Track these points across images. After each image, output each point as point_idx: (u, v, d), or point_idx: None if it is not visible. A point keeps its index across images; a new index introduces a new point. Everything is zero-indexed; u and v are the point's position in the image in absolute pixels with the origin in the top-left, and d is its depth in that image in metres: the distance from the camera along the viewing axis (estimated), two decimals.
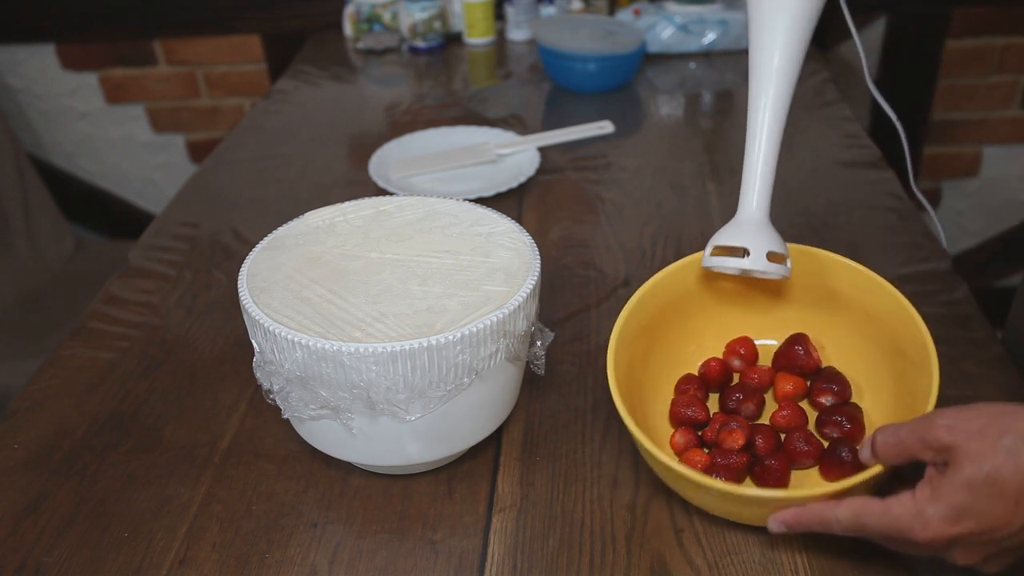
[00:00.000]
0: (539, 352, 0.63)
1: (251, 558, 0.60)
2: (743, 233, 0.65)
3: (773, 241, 0.65)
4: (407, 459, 0.62)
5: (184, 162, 1.99)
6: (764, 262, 0.64)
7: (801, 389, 0.68)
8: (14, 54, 1.85)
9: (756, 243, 0.64)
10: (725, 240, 0.65)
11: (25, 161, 1.77)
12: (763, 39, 0.63)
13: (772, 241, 0.65)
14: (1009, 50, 1.81)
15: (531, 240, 0.66)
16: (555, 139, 1.15)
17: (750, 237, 0.65)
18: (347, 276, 0.63)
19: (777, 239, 0.66)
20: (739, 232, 0.65)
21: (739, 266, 0.65)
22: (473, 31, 1.58)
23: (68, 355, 0.80)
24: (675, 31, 1.45)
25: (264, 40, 1.83)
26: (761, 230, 0.65)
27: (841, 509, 0.53)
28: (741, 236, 0.65)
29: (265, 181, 1.12)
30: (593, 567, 0.58)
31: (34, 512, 0.64)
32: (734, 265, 0.65)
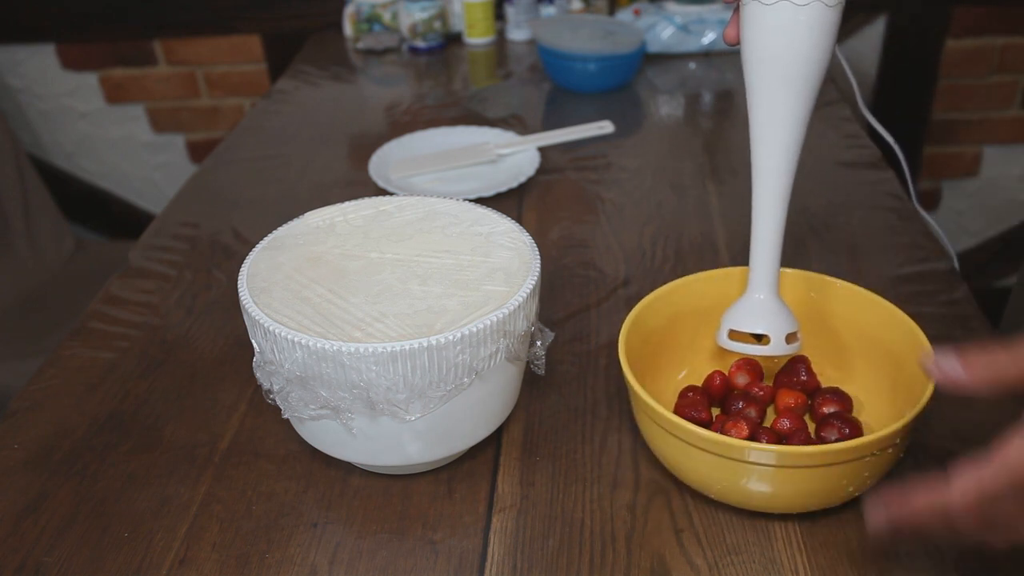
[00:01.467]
0: (539, 352, 0.63)
1: (251, 558, 0.60)
2: (760, 317, 0.65)
3: (788, 321, 0.65)
4: (407, 459, 0.62)
5: (184, 162, 1.99)
6: (783, 346, 0.65)
7: (802, 403, 0.68)
8: (14, 54, 1.85)
9: (775, 328, 0.65)
10: (743, 325, 0.65)
11: (25, 161, 1.77)
12: (764, 113, 0.62)
13: (788, 322, 0.65)
14: (1009, 50, 1.81)
15: (531, 240, 0.66)
16: (555, 139, 1.15)
17: (768, 322, 0.65)
18: (347, 276, 0.63)
19: (791, 318, 0.66)
20: (755, 315, 0.65)
21: (759, 353, 0.65)
22: (473, 31, 1.58)
23: (68, 355, 0.80)
24: (675, 31, 1.45)
25: (264, 40, 1.83)
26: (777, 312, 0.65)
27: (953, 485, 0.43)
28: (759, 321, 0.65)
29: (265, 181, 1.12)
30: (593, 567, 0.58)
31: (34, 512, 0.64)
32: (754, 352, 0.65)
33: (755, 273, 0.65)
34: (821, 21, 0.58)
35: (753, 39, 0.60)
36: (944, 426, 0.68)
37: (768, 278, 0.65)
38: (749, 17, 0.60)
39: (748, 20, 0.60)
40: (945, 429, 0.68)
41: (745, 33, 0.61)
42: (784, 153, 0.62)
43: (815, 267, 0.72)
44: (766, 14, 0.58)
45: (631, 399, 0.63)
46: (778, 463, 0.55)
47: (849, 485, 0.57)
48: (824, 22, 0.58)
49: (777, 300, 0.65)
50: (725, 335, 0.66)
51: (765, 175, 0.63)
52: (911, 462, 0.65)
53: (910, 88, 1.85)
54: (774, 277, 0.65)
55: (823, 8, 0.58)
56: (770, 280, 0.65)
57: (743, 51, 0.61)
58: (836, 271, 0.72)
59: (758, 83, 0.61)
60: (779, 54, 0.59)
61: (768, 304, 0.65)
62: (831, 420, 0.64)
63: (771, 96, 0.60)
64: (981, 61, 1.82)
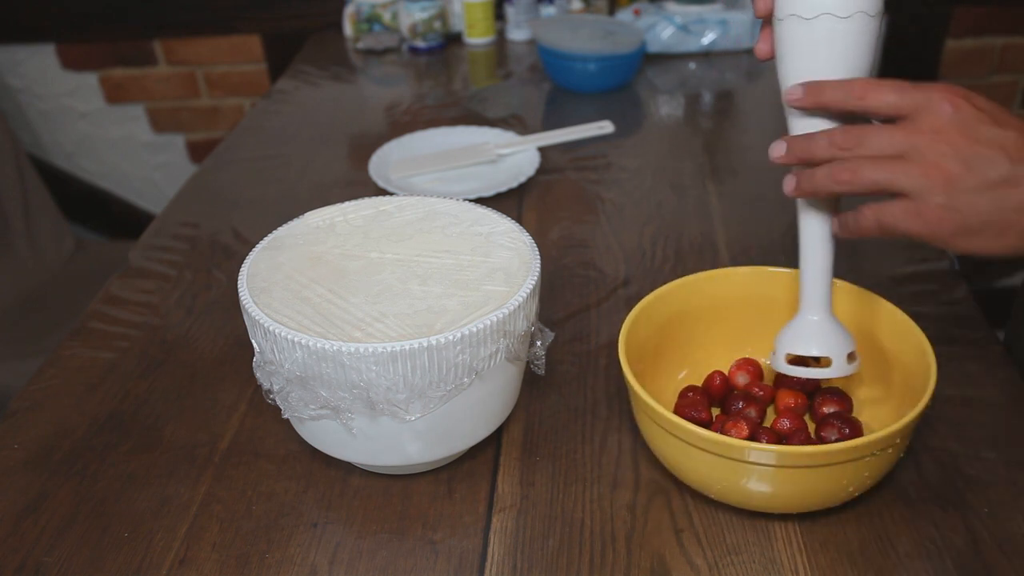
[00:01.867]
0: (539, 352, 0.63)
1: (251, 558, 0.60)
2: (819, 340, 0.62)
3: (847, 341, 0.63)
4: (407, 459, 0.62)
5: (184, 162, 1.99)
6: (845, 367, 0.62)
7: (802, 404, 0.68)
8: (14, 54, 1.85)
9: (836, 350, 0.62)
10: (802, 349, 0.62)
11: (25, 161, 1.77)
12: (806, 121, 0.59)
13: (847, 341, 0.62)
14: (1009, 50, 1.81)
15: (531, 240, 0.66)
16: (555, 139, 1.15)
17: (829, 344, 0.62)
18: (347, 276, 0.63)
19: (849, 337, 0.63)
20: (814, 338, 0.62)
21: (822, 376, 0.62)
22: (473, 31, 1.58)
23: (68, 355, 0.80)
24: (675, 31, 1.45)
25: (264, 40, 1.83)
26: (836, 333, 0.62)
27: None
28: (819, 344, 0.62)
29: (265, 181, 1.12)
30: (593, 567, 0.58)
31: (34, 512, 0.64)
32: (817, 375, 0.62)
33: (808, 293, 0.62)
34: (864, 32, 0.55)
35: (791, 55, 0.57)
36: (944, 426, 0.68)
37: (821, 297, 0.62)
38: (787, 33, 0.56)
39: (785, 36, 0.57)
40: (945, 429, 0.68)
41: (782, 49, 0.57)
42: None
43: None
44: (806, 29, 0.55)
45: (631, 399, 0.63)
46: (778, 463, 0.55)
47: (849, 485, 0.57)
48: (867, 33, 0.55)
49: (833, 320, 0.63)
50: (782, 360, 0.63)
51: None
52: (911, 462, 0.65)
53: None
54: (827, 296, 0.62)
55: (866, 19, 0.55)
56: (824, 299, 0.62)
57: (780, 68, 0.58)
58: (836, 271, 0.72)
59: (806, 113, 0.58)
60: (823, 69, 0.56)
61: (825, 325, 0.62)
62: (831, 420, 0.64)
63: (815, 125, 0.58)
64: (981, 61, 1.82)
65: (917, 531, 0.60)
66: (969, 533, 0.59)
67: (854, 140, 0.54)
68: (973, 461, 0.65)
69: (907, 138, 0.53)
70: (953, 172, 0.52)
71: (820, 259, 0.61)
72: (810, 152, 0.56)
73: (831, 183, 0.55)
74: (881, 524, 0.60)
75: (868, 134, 0.54)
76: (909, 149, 0.53)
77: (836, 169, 0.55)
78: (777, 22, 0.57)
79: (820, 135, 0.56)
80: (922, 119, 0.53)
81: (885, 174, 0.53)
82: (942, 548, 0.58)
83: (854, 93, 0.54)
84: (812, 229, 0.61)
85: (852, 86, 0.54)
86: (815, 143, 0.56)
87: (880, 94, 0.54)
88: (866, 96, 0.54)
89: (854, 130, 0.55)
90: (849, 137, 0.54)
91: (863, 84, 0.54)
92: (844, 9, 0.54)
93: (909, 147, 0.53)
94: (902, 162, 0.53)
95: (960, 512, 0.61)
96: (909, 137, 0.53)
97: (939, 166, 0.52)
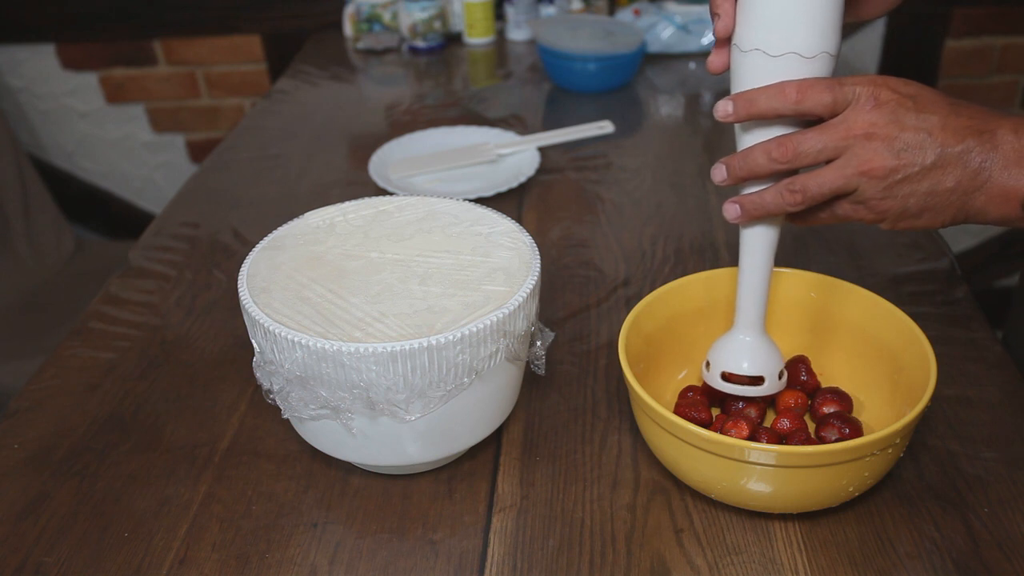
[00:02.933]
0: (539, 352, 0.63)
1: (251, 558, 0.60)
2: (755, 359, 0.64)
3: (778, 359, 0.65)
4: (407, 459, 0.62)
5: (184, 162, 1.99)
6: (776, 385, 0.65)
7: (803, 403, 0.68)
8: (14, 54, 1.85)
9: (770, 369, 0.64)
10: (739, 368, 0.64)
11: (25, 161, 1.77)
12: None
13: (778, 360, 0.65)
14: (1009, 50, 1.81)
15: (531, 240, 0.66)
16: (555, 139, 1.15)
17: (763, 363, 0.64)
18: (347, 276, 0.63)
19: (778, 355, 0.65)
20: (749, 358, 0.64)
21: (754, 394, 0.65)
22: (473, 31, 1.58)
23: (68, 355, 0.80)
24: (675, 31, 1.45)
25: (264, 40, 1.83)
26: (769, 353, 0.64)
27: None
28: (754, 363, 0.64)
29: (265, 181, 1.12)
30: (593, 567, 0.58)
31: (34, 512, 0.64)
32: (750, 393, 0.65)
33: (744, 314, 0.64)
34: (825, 73, 0.56)
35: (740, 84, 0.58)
36: (944, 426, 0.68)
37: (757, 317, 0.64)
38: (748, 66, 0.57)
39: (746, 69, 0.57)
40: (945, 429, 0.68)
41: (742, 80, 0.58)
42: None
43: (815, 267, 0.72)
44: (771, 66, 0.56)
45: (631, 399, 0.63)
46: (778, 463, 0.55)
47: (849, 485, 0.57)
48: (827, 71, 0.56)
49: (766, 339, 0.65)
50: (718, 377, 0.65)
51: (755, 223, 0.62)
52: (911, 462, 0.65)
53: None
54: (762, 315, 0.64)
55: (828, 59, 0.56)
56: (759, 319, 0.64)
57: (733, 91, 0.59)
58: (836, 271, 0.72)
59: (746, 126, 0.59)
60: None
61: (759, 345, 0.64)
62: (831, 420, 0.64)
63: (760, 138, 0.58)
64: (981, 61, 1.82)
65: (917, 531, 0.60)
66: (969, 533, 0.59)
67: (791, 149, 0.56)
68: (973, 461, 0.65)
69: (840, 138, 0.55)
70: (888, 165, 0.55)
71: (759, 279, 0.63)
72: (750, 170, 0.58)
73: (783, 204, 0.58)
74: (881, 524, 0.60)
75: (803, 141, 0.56)
76: (843, 148, 0.56)
77: (784, 191, 0.57)
78: (739, 52, 0.57)
79: (756, 150, 0.57)
80: (850, 116, 0.55)
81: (830, 183, 0.56)
82: (942, 548, 0.58)
83: (789, 98, 0.55)
84: (753, 248, 0.62)
85: (784, 91, 0.55)
86: (753, 160, 0.58)
87: (816, 94, 0.55)
88: (803, 99, 0.55)
89: (787, 140, 0.56)
90: (785, 148, 0.56)
91: (796, 87, 0.55)
92: (809, 50, 0.55)
93: (844, 146, 0.56)
94: (841, 165, 0.56)
95: (960, 512, 0.61)
96: (842, 137, 0.55)
97: (874, 162, 0.55)
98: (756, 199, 0.59)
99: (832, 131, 0.55)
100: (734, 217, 0.60)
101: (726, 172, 0.59)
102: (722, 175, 0.59)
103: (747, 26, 0.56)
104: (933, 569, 0.57)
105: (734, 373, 0.64)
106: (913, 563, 0.57)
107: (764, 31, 0.55)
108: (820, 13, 0.55)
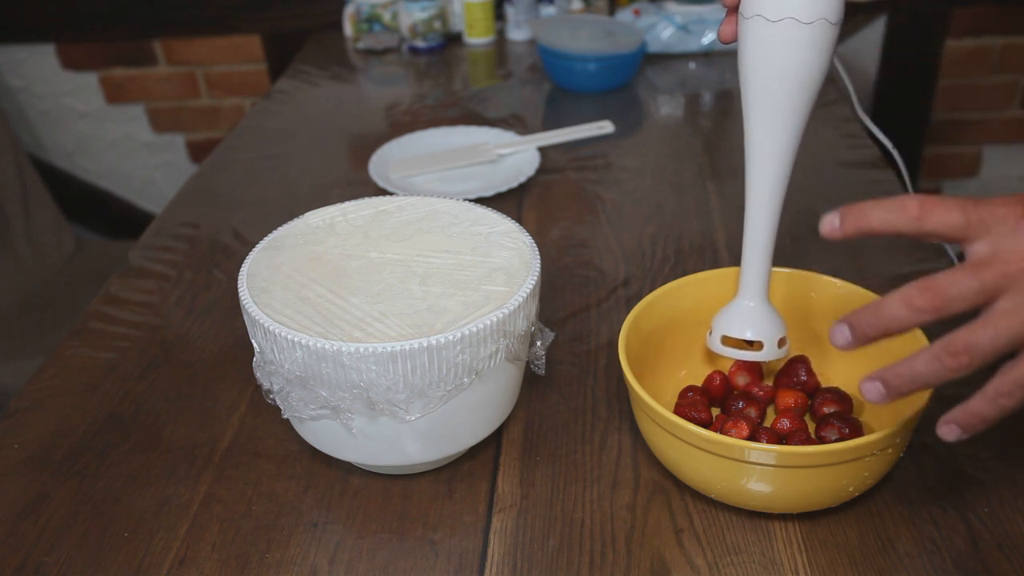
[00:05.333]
0: (539, 352, 0.63)
1: (251, 558, 0.60)
2: (753, 323, 0.65)
3: (779, 326, 0.66)
4: (407, 459, 0.62)
5: (184, 162, 1.99)
6: (775, 351, 0.65)
7: (803, 404, 0.68)
8: (14, 54, 1.85)
9: (768, 334, 0.65)
10: (736, 332, 0.65)
11: (25, 161, 1.77)
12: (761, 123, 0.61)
13: (779, 327, 0.66)
14: (1009, 50, 1.81)
15: (531, 240, 0.66)
16: (555, 139, 1.15)
17: (762, 328, 0.65)
18: (347, 276, 0.63)
19: (781, 323, 0.66)
20: (748, 322, 0.65)
21: (752, 358, 0.66)
22: (473, 31, 1.58)
23: (68, 355, 0.80)
24: (675, 31, 1.45)
25: (264, 40, 1.83)
26: (770, 318, 0.66)
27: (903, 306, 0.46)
28: (752, 327, 0.65)
29: (265, 181, 1.12)
30: (593, 567, 0.58)
31: (34, 512, 0.64)
32: (747, 357, 0.66)
33: (747, 279, 0.65)
34: (824, 38, 0.57)
35: (754, 53, 0.59)
36: None
37: (760, 284, 0.65)
38: (751, 31, 0.59)
39: (750, 34, 0.59)
40: None
41: (746, 46, 0.60)
42: (779, 162, 0.62)
43: (815, 267, 0.72)
44: (770, 31, 0.57)
45: (631, 399, 0.63)
46: (778, 463, 0.55)
47: (849, 485, 0.57)
48: (827, 39, 0.58)
49: (768, 305, 0.66)
50: (718, 340, 0.66)
51: (759, 182, 0.64)
52: (911, 462, 0.65)
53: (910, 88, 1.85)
54: (765, 283, 0.65)
55: (827, 26, 0.57)
56: (762, 286, 0.65)
57: (741, 62, 0.60)
58: (836, 271, 0.72)
59: (756, 95, 0.60)
60: (783, 70, 0.58)
61: (760, 310, 0.65)
62: (831, 420, 0.64)
63: (770, 108, 0.60)
64: (981, 61, 1.82)
65: (917, 531, 0.60)
66: (969, 533, 0.59)
67: (939, 295, 0.46)
68: (973, 461, 0.65)
69: (999, 276, 0.46)
70: None
71: (763, 246, 0.64)
72: (885, 327, 0.48)
73: (944, 372, 0.48)
74: (881, 524, 0.60)
75: (953, 283, 0.46)
76: (1005, 288, 0.46)
77: (945, 355, 0.47)
78: (743, 19, 0.59)
79: (892, 300, 0.48)
80: (1004, 245, 0.46)
81: (1006, 334, 0.46)
82: (942, 548, 0.58)
83: (910, 215, 0.47)
84: (759, 219, 0.64)
85: (905, 206, 0.47)
86: (888, 313, 0.48)
87: (941, 214, 0.47)
88: (925, 218, 0.47)
89: (932, 284, 0.46)
90: (932, 294, 0.46)
91: (919, 204, 0.47)
92: (807, 16, 0.56)
93: (1004, 286, 0.46)
94: (1009, 310, 0.46)
95: (960, 512, 0.61)
96: (1000, 275, 0.46)
97: None
98: (905, 372, 0.48)
99: (988, 268, 0.45)
100: (878, 399, 0.50)
101: (851, 335, 0.49)
102: (846, 338, 0.49)
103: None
104: (933, 569, 0.57)
105: (730, 336, 0.65)
106: (913, 563, 0.57)
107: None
108: None
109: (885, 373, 0.49)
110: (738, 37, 0.60)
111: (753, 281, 0.65)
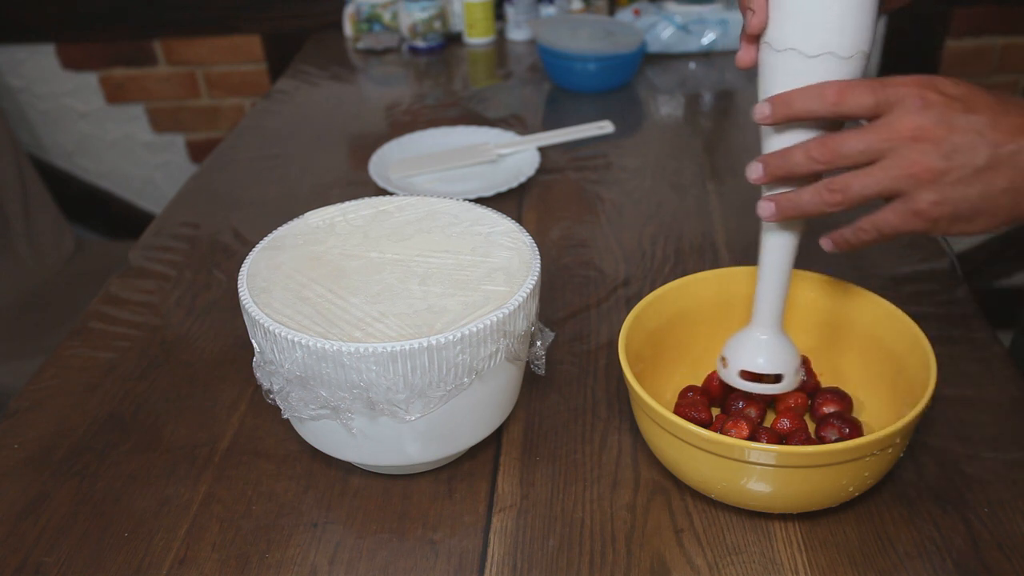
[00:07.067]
0: (539, 352, 0.63)
1: (251, 558, 0.60)
2: (774, 358, 0.63)
3: (795, 355, 0.64)
4: (407, 459, 0.62)
5: (184, 162, 1.99)
6: (793, 382, 0.64)
7: (803, 403, 0.68)
8: (14, 54, 1.85)
9: (789, 367, 0.63)
10: (759, 367, 0.63)
11: (25, 161, 1.77)
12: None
13: (795, 356, 0.64)
14: (1009, 50, 1.81)
15: (531, 240, 0.66)
16: (555, 139, 1.15)
17: (783, 362, 0.63)
18: (347, 276, 0.63)
19: (796, 352, 0.65)
20: (769, 356, 0.63)
21: (774, 392, 0.64)
22: (473, 31, 1.58)
23: (68, 355, 0.80)
24: (675, 31, 1.45)
25: (264, 40, 1.83)
26: (787, 350, 0.64)
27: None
28: (774, 361, 0.63)
29: (265, 181, 1.12)
30: (593, 567, 0.58)
31: (34, 512, 0.64)
32: (769, 391, 0.64)
33: (763, 310, 0.63)
34: (859, 72, 0.56)
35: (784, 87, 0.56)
36: (944, 426, 0.68)
37: (776, 316, 0.63)
38: (782, 65, 0.56)
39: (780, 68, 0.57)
40: (945, 429, 0.68)
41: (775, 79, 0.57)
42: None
43: (815, 267, 0.72)
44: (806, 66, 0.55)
45: (631, 399, 0.63)
46: (778, 463, 0.55)
47: (849, 485, 0.57)
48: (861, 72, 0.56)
49: (783, 337, 0.64)
50: (735, 374, 0.64)
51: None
52: (911, 462, 0.65)
53: None
54: (780, 313, 0.63)
55: (863, 58, 0.56)
56: (778, 318, 0.63)
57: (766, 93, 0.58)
58: (836, 271, 0.72)
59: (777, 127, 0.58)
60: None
61: (776, 343, 0.64)
62: (831, 420, 0.64)
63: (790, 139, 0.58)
64: (981, 61, 1.82)
65: (917, 531, 0.60)
66: (969, 533, 0.59)
67: (832, 150, 0.54)
68: (973, 461, 0.65)
69: (885, 140, 0.53)
70: (937, 168, 0.52)
71: (780, 278, 0.62)
72: (788, 168, 0.56)
73: (821, 204, 0.56)
74: (881, 524, 0.60)
75: (845, 141, 0.54)
76: (887, 150, 0.53)
77: (824, 190, 0.55)
78: (772, 51, 0.57)
79: (796, 149, 0.56)
80: (896, 117, 0.53)
81: (875, 184, 0.54)
82: (942, 548, 0.58)
83: (828, 99, 0.54)
84: (776, 247, 0.62)
85: (824, 92, 0.54)
86: (792, 159, 0.56)
87: (856, 96, 0.53)
88: (842, 100, 0.54)
89: (829, 140, 0.54)
90: (826, 148, 0.54)
91: (836, 89, 0.54)
92: (847, 50, 0.55)
93: (888, 148, 0.53)
94: (886, 166, 0.53)
95: (960, 512, 0.61)
96: (886, 139, 0.53)
97: (922, 164, 0.52)
98: (793, 198, 0.57)
99: (876, 132, 0.53)
100: (768, 215, 0.58)
101: (762, 170, 0.58)
102: (758, 173, 0.58)
103: (782, 24, 0.56)
104: (933, 569, 0.57)
105: (754, 371, 0.64)
106: (913, 563, 0.57)
107: (801, 30, 0.55)
108: (860, 11, 0.54)
109: (778, 196, 0.58)
110: (762, 68, 0.58)
111: (769, 312, 0.63)
